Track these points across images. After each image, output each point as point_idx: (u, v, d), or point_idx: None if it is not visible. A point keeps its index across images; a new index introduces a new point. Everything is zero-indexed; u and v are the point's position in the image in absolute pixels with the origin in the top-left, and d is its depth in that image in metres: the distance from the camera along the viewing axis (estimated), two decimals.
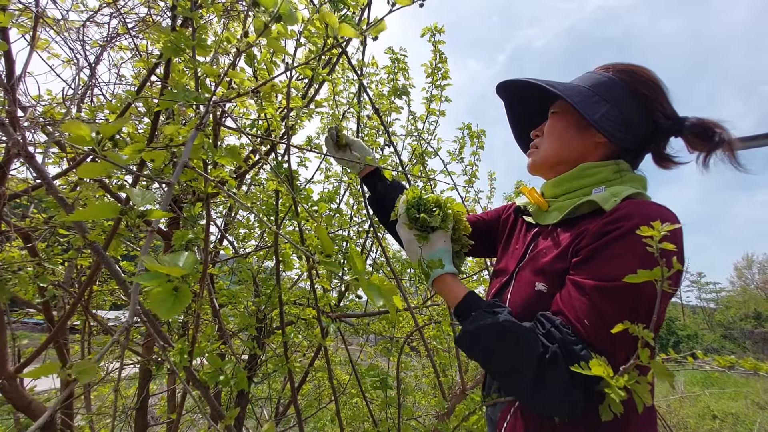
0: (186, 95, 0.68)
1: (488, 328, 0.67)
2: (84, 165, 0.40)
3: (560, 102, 0.84)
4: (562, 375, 0.60)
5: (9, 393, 1.32)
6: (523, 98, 0.94)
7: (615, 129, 0.75)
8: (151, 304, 0.33)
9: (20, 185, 1.34)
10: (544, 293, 0.72)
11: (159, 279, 0.33)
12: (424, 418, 3.04)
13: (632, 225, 0.63)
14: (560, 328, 0.64)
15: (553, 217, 0.80)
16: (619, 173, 0.76)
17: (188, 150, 0.48)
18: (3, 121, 0.67)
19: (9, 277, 1.46)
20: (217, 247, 1.78)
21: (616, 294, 0.62)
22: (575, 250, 0.70)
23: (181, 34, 0.92)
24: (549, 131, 0.85)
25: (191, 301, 1.55)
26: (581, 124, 0.80)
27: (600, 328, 0.62)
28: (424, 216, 0.84)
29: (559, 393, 0.61)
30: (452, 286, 0.80)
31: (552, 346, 0.62)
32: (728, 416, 7.07)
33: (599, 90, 0.77)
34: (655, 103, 0.77)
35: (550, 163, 0.84)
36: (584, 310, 0.64)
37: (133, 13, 1.81)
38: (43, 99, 1.63)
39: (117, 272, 0.87)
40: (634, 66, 0.80)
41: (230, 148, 0.92)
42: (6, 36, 0.85)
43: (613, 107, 0.76)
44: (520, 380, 0.64)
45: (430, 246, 0.85)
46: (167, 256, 0.34)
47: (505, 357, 0.66)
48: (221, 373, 1.12)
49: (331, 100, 2.52)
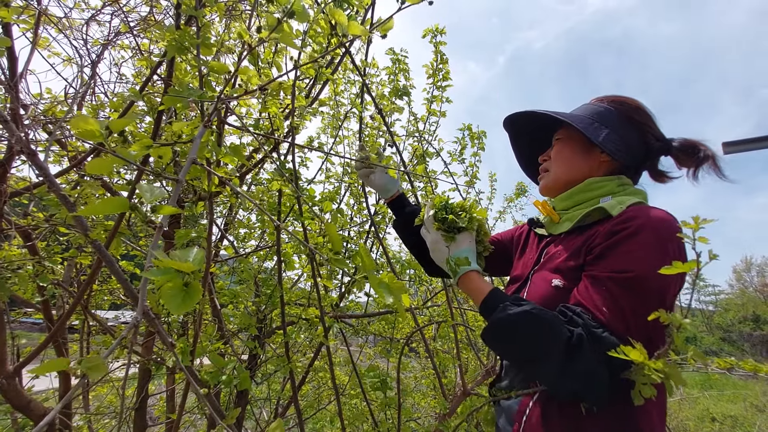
0: (191, 93, 0.68)
1: (516, 316, 0.70)
2: (93, 161, 0.40)
3: (564, 129, 0.94)
4: (587, 356, 0.64)
5: (8, 392, 1.31)
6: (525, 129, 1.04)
7: (617, 149, 0.85)
8: (163, 299, 0.33)
9: (21, 183, 1.34)
10: (561, 288, 0.78)
11: (170, 274, 0.33)
12: (423, 419, 3.03)
13: (639, 224, 0.71)
14: (581, 315, 0.69)
15: (564, 227, 0.88)
16: (622, 186, 0.86)
17: (196, 146, 0.48)
18: (6, 118, 0.67)
19: (8, 275, 1.46)
20: (218, 246, 1.77)
21: (630, 284, 0.68)
22: (588, 249, 0.77)
23: (185, 33, 0.92)
24: (557, 156, 0.94)
25: None
26: (585, 147, 0.90)
27: (617, 316, 0.68)
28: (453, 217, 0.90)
29: (586, 373, 0.65)
30: (478, 283, 0.85)
31: (576, 329, 0.66)
32: (727, 419, 7.07)
33: (597, 118, 0.88)
34: (646, 127, 0.88)
35: (561, 184, 0.93)
36: (601, 300, 0.69)
37: (135, 12, 1.80)
38: (44, 98, 1.63)
39: (118, 271, 0.87)
40: (624, 97, 0.92)
41: (234, 146, 0.92)
42: (9, 32, 0.84)
43: (612, 131, 0.86)
44: (548, 365, 0.67)
45: (456, 246, 0.92)
46: (178, 251, 0.34)
47: (534, 343, 0.69)
48: (223, 372, 1.12)
49: (333, 100, 2.52)
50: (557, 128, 0.96)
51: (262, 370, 2.24)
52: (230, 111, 0.83)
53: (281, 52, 1.42)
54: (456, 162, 2.42)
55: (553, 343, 0.66)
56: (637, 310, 0.67)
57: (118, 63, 1.93)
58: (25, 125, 1.10)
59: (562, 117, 0.88)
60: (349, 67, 2.20)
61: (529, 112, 0.95)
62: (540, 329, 0.68)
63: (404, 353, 1.84)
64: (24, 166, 1.58)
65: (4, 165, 1.05)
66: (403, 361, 3.05)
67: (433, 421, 2.81)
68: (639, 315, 0.67)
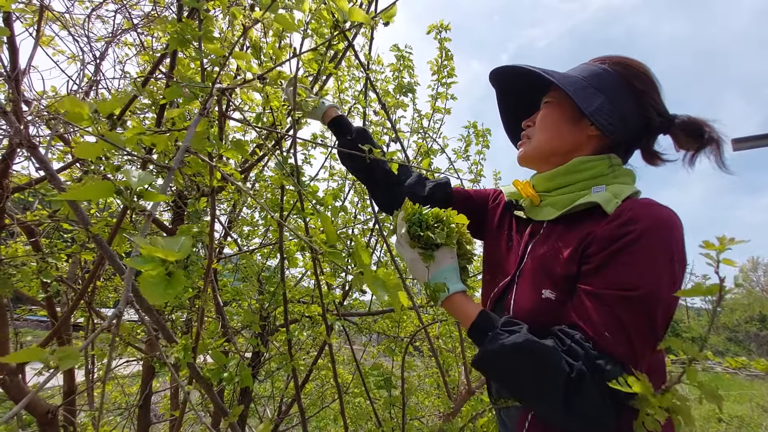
0: (191, 85, 0.67)
1: (508, 350, 0.63)
2: (81, 144, 0.38)
3: (554, 92, 0.82)
4: (590, 393, 0.58)
5: (11, 389, 1.31)
6: (515, 88, 0.91)
7: (609, 122, 0.74)
8: (141, 287, 0.32)
9: (23, 179, 1.33)
10: (552, 300, 0.70)
11: (153, 263, 0.32)
12: (427, 418, 3.01)
13: (642, 229, 0.63)
14: (581, 343, 0.62)
15: (546, 213, 0.78)
16: (611, 167, 0.76)
17: (191, 134, 0.47)
18: (4, 109, 0.66)
19: (12, 272, 1.45)
20: (222, 243, 1.77)
21: (635, 303, 0.61)
22: (584, 256, 0.68)
23: (187, 25, 0.91)
24: (542, 121, 0.83)
25: (195, 296, 1.53)
26: (575, 115, 0.79)
27: (622, 339, 0.61)
28: (428, 233, 0.78)
29: (591, 411, 0.59)
30: (463, 306, 0.76)
31: (577, 364, 0.59)
32: (734, 419, 7.00)
33: (594, 81, 0.76)
34: (648, 98, 0.77)
35: (542, 154, 0.82)
36: (603, 321, 0.62)
37: (138, 8, 1.80)
38: (47, 95, 1.63)
39: (121, 266, 0.86)
40: (629, 59, 0.79)
41: (236, 141, 0.91)
42: (9, 23, 0.83)
43: (607, 100, 0.75)
44: (547, 402, 0.61)
45: (436, 265, 0.80)
46: (163, 239, 0.32)
47: (530, 379, 0.63)
48: (225, 370, 1.11)
49: (336, 97, 2.50)
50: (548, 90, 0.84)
51: (265, 367, 2.23)
52: (233, 102, 0.82)
53: (285, 49, 1.41)
54: (461, 159, 2.40)
55: (551, 378, 0.60)
56: (643, 332, 0.61)
57: (121, 60, 1.93)
58: (27, 120, 1.10)
59: (550, 76, 0.76)
60: (353, 63, 2.18)
61: (516, 67, 0.83)
62: (536, 365, 0.61)
63: (408, 352, 1.83)
64: (27, 163, 1.58)
65: (6, 160, 1.04)
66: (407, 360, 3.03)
67: (437, 420, 2.80)
68: (645, 338, 0.61)
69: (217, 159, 0.95)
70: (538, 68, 0.78)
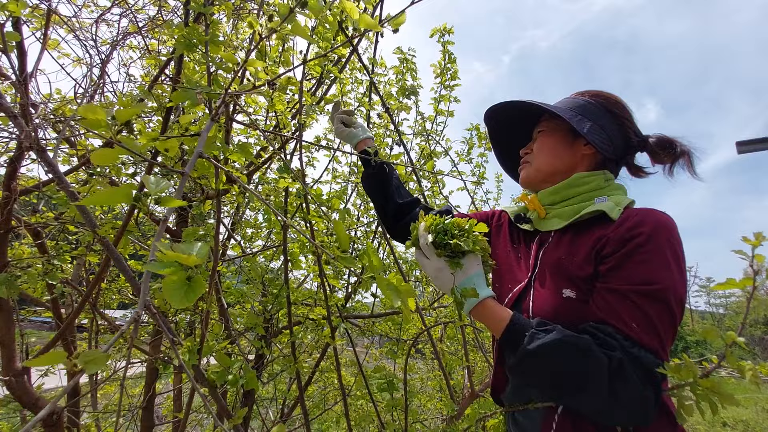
0: (205, 91, 0.67)
1: (549, 347, 0.66)
2: (98, 150, 0.39)
3: (547, 122, 0.94)
4: (632, 382, 0.62)
5: (16, 390, 1.31)
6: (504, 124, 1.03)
7: (601, 141, 0.85)
8: (164, 292, 0.32)
9: (30, 181, 1.34)
10: (573, 299, 0.74)
11: (173, 267, 0.32)
12: (430, 421, 3.01)
13: (649, 230, 0.71)
14: (614, 335, 0.66)
15: (554, 224, 0.85)
16: (607, 181, 0.86)
17: (203, 140, 0.47)
18: (14, 113, 0.66)
19: (18, 273, 1.46)
20: (226, 245, 1.77)
21: (655, 296, 0.66)
22: (600, 257, 0.74)
23: (194, 30, 0.92)
24: (540, 147, 0.93)
25: (199, 299, 1.54)
26: (568, 140, 0.90)
27: (649, 330, 0.66)
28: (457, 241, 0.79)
29: (634, 399, 0.62)
30: (495, 311, 0.78)
31: (614, 354, 0.63)
32: (739, 423, 6.96)
33: (581, 110, 0.89)
34: (626, 121, 0.89)
35: (544, 174, 0.92)
36: (630, 315, 0.67)
37: (143, 12, 1.81)
38: (53, 98, 1.64)
39: (126, 268, 0.86)
40: (604, 92, 0.93)
41: (242, 144, 0.91)
42: (19, 27, 0.84)
43: (596, 124, 0.87)
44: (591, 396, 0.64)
45: (464, 272, 0.81)
46: (181, 245, 0.33)
47: (574, 372, 0.65)
48: (229, 372, 1.11)
49: (340, 99, 2.51)
50: (538, 122, 0.96)
51: (268, 369, 2.24)
52: (239, 108, 0.83)
53: (289, 51, 1.42)
54: (464, 162, 2.40)
55: (594, 370, 0.63)
56: (666, 322, 0.66)
57: (126, 63, 1.94)
58: (35, 123, 1.11)
59: (547, 107, 0.88)
60: (356, 66, 2.19)
61: (513, 103, 0.93)
62: (579, 358, 0.64)
63: (410, 354, 1.83)
64: (34, 166, 1.59)
65: (14, 163, 1.05)
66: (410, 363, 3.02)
67: (440, 423, 2.79)
68: (669, 327, 0.66)
69: (223, 162, 0.95)
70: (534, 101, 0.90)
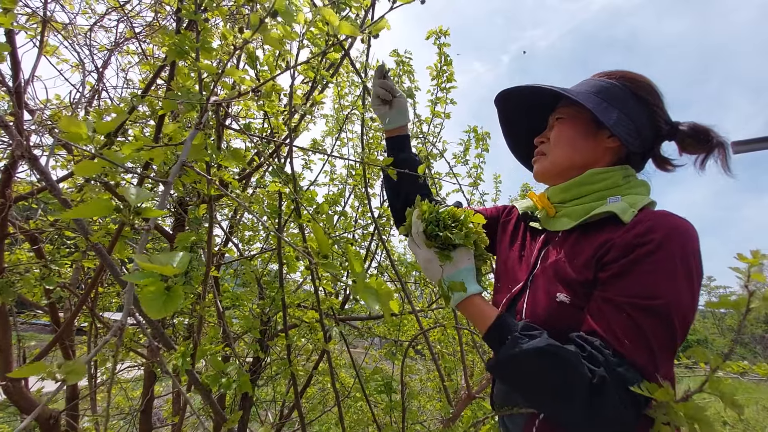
0: (188, 97, 0.68)
1: (530, 354, 0.63)
2: (81, 163, 0.40)
3: (566, 108, 0.83)
4: (612, 400, 0.58)
5: (13, 395, 1.32)
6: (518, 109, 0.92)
7: (628, 134, 0.76)
8: (141, 302, 0.33)
9: (26, 187, 1.35)
10: (567, 304, 0.70)
11: (152, 278, 0.33)
12: (429, 422, 3.01)
13: (660, 238, 0.63)
14: (601, 349, 0.62)
15: (562, 224, 0.79)
16: (626, 178, 0.77)
17: (187, 149, 0.48)
18: (6, 123, 0.67)
19: (16, 278, 1.47)
20: (222, 250, 1.78)
21: (655, 312, 0.61)
22: (602, 263, 0.68)
23: (185, 37, 0.93)
24: (558, 138, 0.83)
25: (195, 302, 1.55)
26: (590, 129, 0.80)
27: (642, 347, 0.61)
28: (447, 234, 0.76)
29: (612, 419, 0.59)
30: (481, 308, 0.75)
31: (598, 370, 0.59)
32: (739, 422, 6.94)
33: (606, 96, 0.78)
34: (657, 108, 0.78)
35: (560, 169, 0.83)
36: (623, 329, 0.62)
37: (139, 18, 1.82)
38: (51, 103, 1.65)
39: (119, 274, 0.87)
40: (632, 73, 0.81)
41: (233, 150, 0.92)
42: (12, 38, 0.85)
43: (622, 112, 0.76)
44: (569, 409, 0.61)
45: (453, 265, 0.78)
46: (161, 255, 0.34)
47: (551, 384, 0.62)
48: (223, 375, 1.12)
49: (336, 102, 2.52)
50: (556, 107, 0.85)
51: (266, 372, 2.24)
52: (230, 115, 0.83)
53: (283, 56, 1.43)
54: (460, 163, 2.40)
55: (574, 383, 0.59)
56: (663, 340, 0.61)
57: (124, 68, 1.95)
58: (31, 130, 1.12)
59: (568, 93, 0.77)
60: (352, 69, 2.20)
61: (531, 87, 0.83)
62: (559, 370, 0.61)
63: (410, 356, 1.83)
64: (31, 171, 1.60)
65: (8, 170, 1.06)
66: (409, 364, 3.03)
67: (439, 424, 2.79)
68: (665, 346, 0.61)
69: (215, 169, 0.96)
70: (553, 87, 0.79)
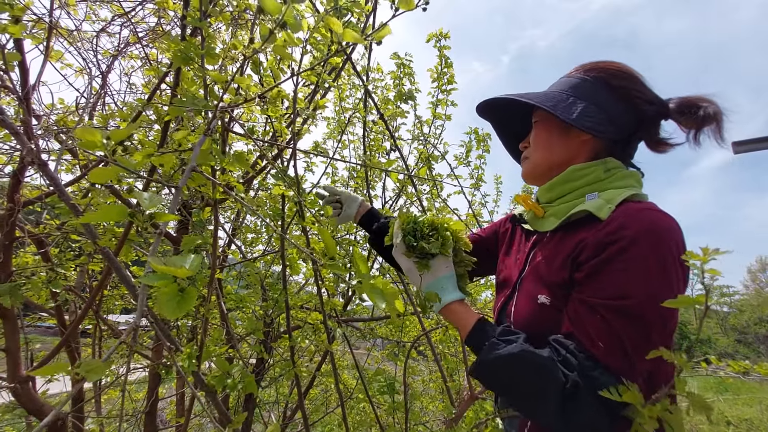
0: (194, 103, 0.70)
1: (505, 359, 0.64)
2: (95, 170, 0.41)
3: (539, 111, 0.85)
4: (584, 403, 0.58)
5: (21, 397, 1.34)
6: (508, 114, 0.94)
7: (596, 124, 0.75)
8: (158, 303, 0.34)
9: (34, 192, 1.37)
10: (547, 306, 0.71)
11: (165, 280, 0.34)
12: (431, 423, 3.02)
13: (632, 235, 0.62)
14: (575, 353, 0.62)
15: (549, 224, 0.79)
16: (608, 171, 0.75)
17: (196, 154, 0.49)
18: (17, 129, 0.69)
19: (22, 281, 1.49)
20: (226, 252, 1.80)
21: (628, 312, 0.60)
22: (577, 263, 0.68)
23: (190, 43, 0.94)
24: (535, 141, 0.86)
25: (199, 304, 1.57)
26: (562, 127, 0.81)
27: (615, 349, 0.61)
28: (423, 244, 0.79)
29: (584, 421, 0.59)
30: (461, 315, 0.77)
31: (571, 375, 0.60)
32: (742, 422, 6.92)
33: (572, 92, 0.79)
34: (632, 91, 0.77)
35: (541, 170, 0.85)
36: (596, 331, 0.62)
37: (143, 23, 1.85)
38: (56, 108, 1.67)
39: (126, 277, 0.89)
40: (602, 61, 0.81)
41: (237, 154, 0.94)
42: (20, 47, 0.87)
43: (590, 104, 0.76)
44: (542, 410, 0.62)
45: (432, 274, 0.81)
46: (174, 257, 0.35)
47: (525, 388, 0.64)
48: (229, 376, 1.13)
49: (338, 106, 2.54)
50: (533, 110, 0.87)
51: (269, 373, 2.26)
52: (234, 119, 0.85)
53: (284, 61, 1.44)
54: (462, 165, 2.42)
55: (546, 388, 0.61)
56: (637, 341, 0.60)
57: (128, 73, 1.98)
58: (38, 136, 1.14)
59: (525, 99, 0.78)
60: (353, 72, 2.22)
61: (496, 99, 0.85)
62: (532, 375, 0.62)
63: (412, 356, 1.84)
64: (37, 175, 1.62)
65: (17, 175, 1.08)
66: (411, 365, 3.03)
67: (442, 425, 2.80)
68: (640, 347, 0.59)
69: (219, 172, 0.98)
70: (516, 95, 0.81)
